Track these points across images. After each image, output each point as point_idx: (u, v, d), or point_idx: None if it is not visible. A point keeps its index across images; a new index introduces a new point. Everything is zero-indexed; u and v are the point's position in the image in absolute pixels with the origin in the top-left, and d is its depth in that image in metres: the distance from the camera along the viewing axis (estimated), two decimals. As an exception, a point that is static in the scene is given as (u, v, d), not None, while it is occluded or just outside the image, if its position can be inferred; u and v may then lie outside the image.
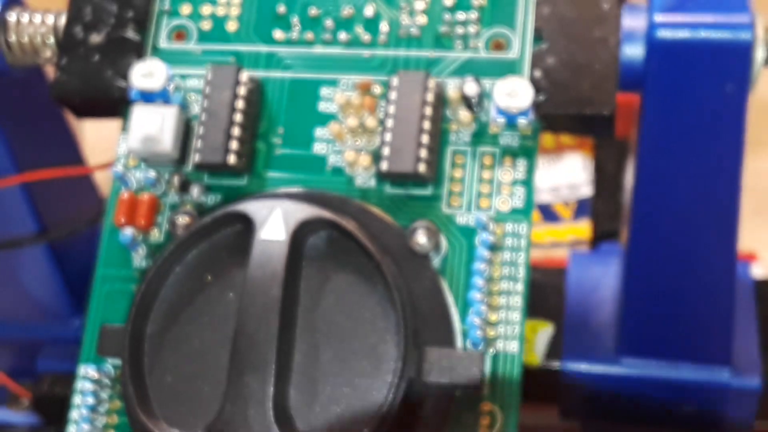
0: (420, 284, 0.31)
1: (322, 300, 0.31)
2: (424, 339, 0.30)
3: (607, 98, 0.32)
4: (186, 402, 0.31)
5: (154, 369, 0.31)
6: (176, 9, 0.37)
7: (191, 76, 0.36)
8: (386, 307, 0.30)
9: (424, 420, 0.30)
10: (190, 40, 0.36)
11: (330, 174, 0.34)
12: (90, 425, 0.33)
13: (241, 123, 0.33)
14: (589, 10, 0.33)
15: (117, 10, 0.36)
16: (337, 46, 0.35)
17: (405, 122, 0.32)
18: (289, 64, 0.35)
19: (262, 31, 0.36)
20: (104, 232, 0.35)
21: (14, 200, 0.43)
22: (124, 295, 0.34)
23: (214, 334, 0.31)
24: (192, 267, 0.32)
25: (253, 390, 0.29)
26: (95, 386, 0.33)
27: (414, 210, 0.33)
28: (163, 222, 0.34)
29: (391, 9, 0.35)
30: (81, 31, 0.36)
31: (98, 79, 0.35)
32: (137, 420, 0.30)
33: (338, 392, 0.30)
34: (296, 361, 0.30)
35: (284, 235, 0.30)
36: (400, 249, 0.31)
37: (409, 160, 0.31)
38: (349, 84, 0.34)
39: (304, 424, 0.30)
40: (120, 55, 0.35)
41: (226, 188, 0.34)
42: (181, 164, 0.35)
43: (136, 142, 0.33)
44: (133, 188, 0.35)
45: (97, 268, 0.35)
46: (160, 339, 0.32)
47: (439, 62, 0.34)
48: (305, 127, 0.34)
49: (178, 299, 0.32)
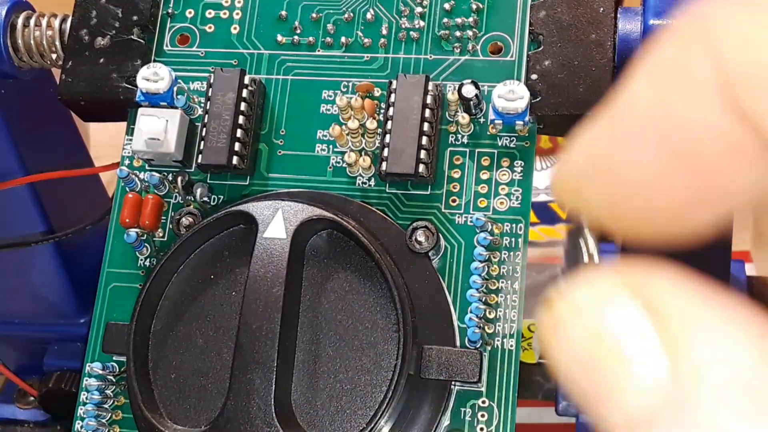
0: (419, 283, 0.32)
1: (324, 298, 0.31)
2: (423, 337, 0.31)
3: (603, 100, 0.32)
4: (190, 398, 0.31)
5: (159, 366, 0.32)
6: (180, 13, 0.37)
7: (195, 79, 0.36)
8: (386, 306, 0.31)
9: (422, 415, 0.31)
10: (193, 43, 0.37)
11: (331, 175, 0.34)
12: (96, 421, 0.33)
13: (243, 125, 0.34)
14: (584, 14, 0.33)
15: (122, 14, 0.36)
16: (338, 49, 0.35)
17: (405, 124, 0.32)
18: (291, 67, 0.36)
19: (265, 35, 0.36)
20: (110, 231, 0.35)
21: (22, 200, 0.43)
22: (129, 294, 0.34)
23: (218, 331, 0.32)
24: (195, 266, 0.33)
25: (256, 386, 0.29)
26: (101, 383, 0.33)
27: (413, 210, 0.33)
28: (167, 222, 0.35)
29: (391, 13, 0.35)
30: (87, 35, 0.36)
31: (103, 82, 0.35)
32: (142, 416, 0.31)
33: (339, 388, 0.30)
34: (298, 358, 0.31)
35: (286, 234, 0.31)
36: (400, 248, 0.32)
37: (409, 162, 0.32)
38: (349, 87, 0.35)
39: (306, 420, 0.30)
40: (125, 58, 0.36)
41: (229, 189, 0.35)
42: (185, 165, 0.35)
43: (140, 143, 0.34)
44: (138, 189, 0.35)
45: (103, 267, 0.35)
46: (164, 336, 0.32)
47: (438, 65, 0.34)
48: (307, 129, 0.35)
49: (182, 297, 0.32)
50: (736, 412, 0.11)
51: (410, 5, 0.35)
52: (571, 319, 0.12)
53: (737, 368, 0.11)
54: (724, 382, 0.11)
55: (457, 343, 0.31)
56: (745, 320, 0.12)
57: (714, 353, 0.11)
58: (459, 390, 0.31)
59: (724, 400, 0.11)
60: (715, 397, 0.11)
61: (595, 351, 0.12)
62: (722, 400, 0.11)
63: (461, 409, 0.31)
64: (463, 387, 0.31)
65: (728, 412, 0.11)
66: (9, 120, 0.42)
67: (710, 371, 0.11)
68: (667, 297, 0.12)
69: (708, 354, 0.11)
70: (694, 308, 0.12)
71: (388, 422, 0.29)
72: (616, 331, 0.12)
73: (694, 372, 0.11)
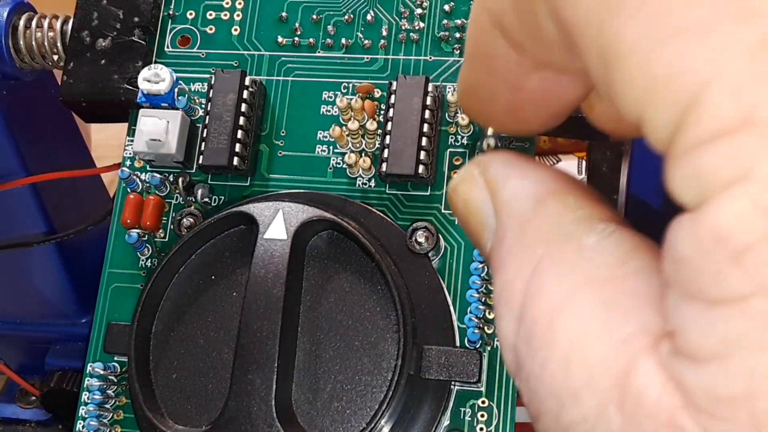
0: (419, 283, 0.32)
1: (324, 299, 0.31)
2: (423, 337, 0.31)
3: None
4: (191, 398, 0.31)
5: (160, 366, 0.32)
6: (181, 14, 0.37)
7: (196, 80, 0.36)
8: (386, 306, 0.31)
9: (422, 415, 0.31)
10: (194, 44, 0.37)
11: (331, 176, 0.34)
12: (97, 421, 0.33)
13: (244, 126, 0.34)
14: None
15: (123, 16, 0.36)
16: (338, 50, 0.36)
17: (405, 125, 0.32)
18: (291, 69, 0.36)
19: (265, 36, 0.36)
20: (111, 232, 0.36)
21: (23, 201, 0.43)
22: (130, 294, 0.34)
23: (218, 332, 0.32)
24: (196, 267, 0.33)
25: (257, 387, 0.29)
26: (102, 383, 0.33)
27: (413, 211, 0.33)
28: (168, 222, 0.35)
29: (391, 14, 0.35)
30: (88, 36, 0.36)
31: (105, 83, 0.35)
32: (143, 416, 0.31)
33: (339, 389, 0.30)
34: (298, 358, 0.31)
35: (287, 235, 0.31)
36: (400, 249, 0.32)
37: (409, 163, 0.32)
38: (349, 88, 0.35)
39: (306, 420, 0.30)
40: (126, 59, 0.36)
41: (229, 189, 0.35)
42: (185, 166, 0.35)
43: (141, 144, 0.34)
44: (140, 190, 0.35)
45: (105, 268, 0.35)
46: (165, 337, 0.32)
47: (438, 66, 0.35)
48: (307, 130, 0.35)
49: (183, 298, 0.32)
50: (525, 229, 0.17)
51: (410, 6, 0.35)
52: (452, 190, 0.19)
53: (526, 201, 0.17)
54: (521, 208, 0.17)
55: (456, 344, 0.31)
56: (532, 174, 0.18)
57: (512, 194, 0.18)
58: (459, 390, 0.31)
59: (524, 221, 0.17)
60: (515, 219, 0.17)
61: (461, 210, 0.19)
62: (519, 216, 0.17)
63: (461, 409, 0.31)
64: (463, 387, 0.31)
65: (520, 225, 0.17)
66: (10, 121, 0.42)
67: (513, 206, 0.17)
68: (494, 169, 0.18)
69: (508, 194, 0.18)
70: (505, 170, 0.18)
71: (389, 422, 0.29)
72: (469, 198, 0.19)
73: (503, 208, 0.18)
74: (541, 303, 0.16)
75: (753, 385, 0.12)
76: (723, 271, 0.12)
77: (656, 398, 0.13)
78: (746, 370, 0.12)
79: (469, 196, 0.19)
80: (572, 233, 0.16)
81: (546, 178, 0.18)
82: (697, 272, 0.13)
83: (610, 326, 0.15)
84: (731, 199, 0.12)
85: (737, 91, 0.12)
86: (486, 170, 0.18)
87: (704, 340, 0.13)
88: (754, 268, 0.12)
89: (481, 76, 0.18)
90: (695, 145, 0.13)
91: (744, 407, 0.12)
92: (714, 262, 0.12)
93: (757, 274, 0.12)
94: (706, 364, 0.13)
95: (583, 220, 0.16)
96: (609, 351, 0.14)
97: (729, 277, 0.12)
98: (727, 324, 0.12)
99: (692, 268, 0.13)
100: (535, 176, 0.18)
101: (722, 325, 0.12)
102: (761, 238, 0.12)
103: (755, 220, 0.12)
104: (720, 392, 0.12)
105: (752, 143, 0.12)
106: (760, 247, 0.12)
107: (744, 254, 0.12)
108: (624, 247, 0.16)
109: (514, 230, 0.17)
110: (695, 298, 0.13)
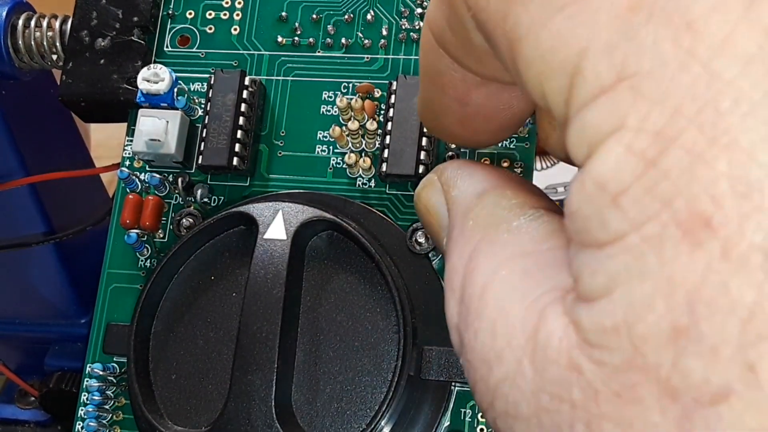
0: (419, 284, 0.32)
1: (324, 299, 0.31)
2: (423, 337, 0.31)
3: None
4: (190, 399, 0.31)
5: (159, 367, 0.32)
6: (180, 14, 0.37)
7: (195, 80, 0.36)
8: (386, 307, 0.31)
9: (422, 416, 0.31)
10: (194, 44, 0.37)
11: (331, 176, 0.34)
12: (96, 421, 0.33)
13: (244, 126, 0.34)
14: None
15: (122, 15, 0.36)
16: (338, 50, 0.36)
17: (405, 125, 0.32)
18: (291, 68, 0.36)
19: (265, 36, 0.36)
20: (110, 232, 0.35)
21: (22, 201, 0.43)
22: (129, 295, 0.34)
23: (218, 332, 0.32)
24: (196, 267, 0.33)
25: (256, 387, 0.29)
26: (101, 383, 0.33)
27: (414, 211, 0.33)
28: (167, 223, 0.35)
29: (391, 14, 0.35)
30: (87, 36, 0.36)
31: (104, 83, 0.35)
32: (142, 417, 0.31)
33: (339, 390, 0.30)
34: (298, 359, 0.31)
35: (286, 235, 0.31)
36: (400, 249, 0.32)
37: (409, 163, 0.32)
38: (349, 88, 0.35)
39: (306, 421, 0.30)
40: (125, 59, 0.36)
41: (229, 190, 0.35)
42: (185, 166, 0.35)
43: (141, 144, 0.34)
44: (139, 190, 0.35)
45: (104, 268, 0.35)
46: (164, 337, 0.32)
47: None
48: (307, 130, 0.35)
49: (183, 299, 0.32)
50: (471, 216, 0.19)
51: (410, 6, 0.35)
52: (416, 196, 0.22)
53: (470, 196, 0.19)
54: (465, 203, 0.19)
55: (457, 344, 0.31)
56: (478, 174, 0.19)
57: (459, 192, 0.19)
58: (459, 391, 0.31)
59: (467, 212, 0.19)
60: (460, 213, 0.19)
61: (424, 213, 0.21)
62: (463, 210, 0.19)
63: (461, 409, 0.31)
64: (463, 388, 0.31)
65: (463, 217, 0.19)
66: (10, 121, 0.42)
67: (459, 202, 0.19)
68: (447, 172, 0.20)
69: (456, 192, 0.19)
70: (456, 173, 0.20)
71: (389, 423, 0.29)
72: (429, 201, 0.21)
73: (452, 206, 0.19)
74: (475, 280, 0.17)
75: (631, 311, 0.13)
76: (604, 215, 0.14)
77: (558, 344, 0.14)
78: (625, 300, 0.13)
79: (428, 200, 0.21)
80: (504, 218, 0.18)
81: (489, 176, 0.19)
82: (585, 220, 0.14)
83: (528, 290, 0.16)
84: (608, 148, 0.13)
85: (609, 52, 0.13)
86: (441, 175, 0.20)
87: (594, 279, 0.14)
88: (629, 207, 0.13)
89: (433, 92, 0.20)
90: (581, 106, 0.14)
91: (625, 334, 0.13)
92: (598, 208, 0.14)
93: (631, 212, 0.13)
94: (596, 301, 0.14)
95: (515, 207, 0.18)
96: (525, 311, 0.16)
97: (609, 219, 0.13)
98: (610, 261, 0.13)
99: (582, 217, 0.14)
100: (480, 176, 0.19)
101: (607, 262, 0.14)
102: (634, 179, 0.13)
103: (629, 164, 0.13)
104: (605, 324, 0.13)
105: (625, 96, 0.13)
106: (634, 187, 0.13)
107: (620, 196, 0.13)
108: (549, 227, 0.17)
109: (458, 222, 0.19)
110: (586, 245, 0.14)
